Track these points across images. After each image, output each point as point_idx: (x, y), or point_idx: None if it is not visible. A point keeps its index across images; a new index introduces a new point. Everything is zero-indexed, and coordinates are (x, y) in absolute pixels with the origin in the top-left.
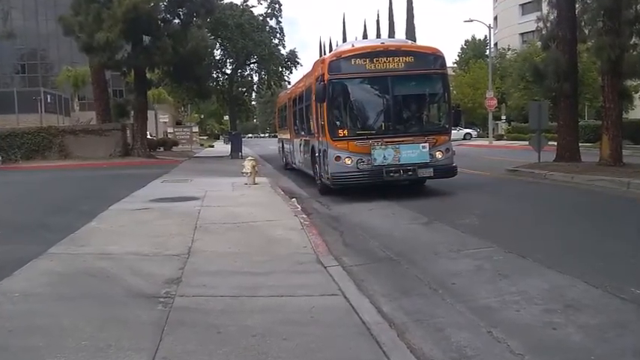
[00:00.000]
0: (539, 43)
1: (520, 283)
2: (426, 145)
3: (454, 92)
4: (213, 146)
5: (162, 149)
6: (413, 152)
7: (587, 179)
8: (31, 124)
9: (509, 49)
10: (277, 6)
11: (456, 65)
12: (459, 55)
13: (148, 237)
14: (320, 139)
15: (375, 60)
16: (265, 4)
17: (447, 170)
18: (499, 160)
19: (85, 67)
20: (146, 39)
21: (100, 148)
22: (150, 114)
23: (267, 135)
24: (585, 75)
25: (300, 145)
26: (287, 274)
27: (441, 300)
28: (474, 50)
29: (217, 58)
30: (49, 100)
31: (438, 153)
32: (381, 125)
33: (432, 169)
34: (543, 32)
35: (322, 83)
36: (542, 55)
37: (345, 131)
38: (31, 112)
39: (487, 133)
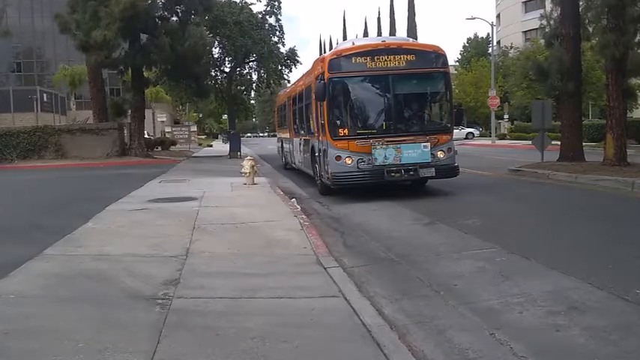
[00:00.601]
0: (542, 41)
1: (523, 285)
2: (428, 144)
3: (456, 91)
4: (211, 145)
5: (159, 149)
6: (414, 152)
7: (591, 179)
8: (27, 123)
9: (512, 47)
10: (277, 3)
11: (458, 63)
12: (461, 54)
13: (145, 238)
14: (320, 138)
15: (375, 58)
16: (264, 2)
17: (448, 170)
18: (502, 160)
19: (81, 65)
20: (143, 37)
21: (97, 147)
22: (147, 113)
23: (266, 134)
24: (589, 73)
25: (300, 144)
26: (287, 276)
27: (443, 302)
28: (476, 48)
29: (216, 56)
30: (45, 98)
31: (439, 153)
32: (382, 124)
33: (433, 169)
34: (546, 30)
35: (322, 82)
36: (546, 53)
37: (346, 130)
38: (27, 111)
39: (489, 133)
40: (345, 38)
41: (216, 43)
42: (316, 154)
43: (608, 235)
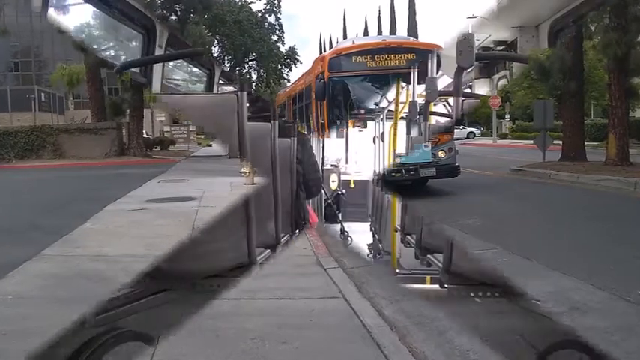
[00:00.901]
0: None
1: (524, 285)
2: (429, 144)
3: None
4: (211, 145)
5: (158, 148)
6: (415, 152)
7: (593, 179)
8: (25, 122)
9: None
10: (276, 2)
11: None
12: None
13: (144, 238)
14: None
15: (376, 57)
16: (264, 0)
17: (449, 170)
18: (503, 160)
19: (80, 64)
20: None
21: (96, 147)
22: (146, 112)
23: None
24: (591, 73)
25: None
26: (286, 276)
27: (443, 302)
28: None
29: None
30: (43, 98)
31: (440, 152)
32: None
33: (434, 169)
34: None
35: (322, 81)
36: (547, 52)
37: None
38: (25, 110)
39: (491, 132)
40: (345, 37)
41: (216, 42)
42: None
43: (609, 236)
